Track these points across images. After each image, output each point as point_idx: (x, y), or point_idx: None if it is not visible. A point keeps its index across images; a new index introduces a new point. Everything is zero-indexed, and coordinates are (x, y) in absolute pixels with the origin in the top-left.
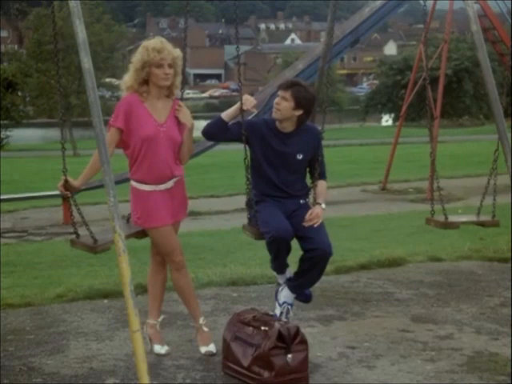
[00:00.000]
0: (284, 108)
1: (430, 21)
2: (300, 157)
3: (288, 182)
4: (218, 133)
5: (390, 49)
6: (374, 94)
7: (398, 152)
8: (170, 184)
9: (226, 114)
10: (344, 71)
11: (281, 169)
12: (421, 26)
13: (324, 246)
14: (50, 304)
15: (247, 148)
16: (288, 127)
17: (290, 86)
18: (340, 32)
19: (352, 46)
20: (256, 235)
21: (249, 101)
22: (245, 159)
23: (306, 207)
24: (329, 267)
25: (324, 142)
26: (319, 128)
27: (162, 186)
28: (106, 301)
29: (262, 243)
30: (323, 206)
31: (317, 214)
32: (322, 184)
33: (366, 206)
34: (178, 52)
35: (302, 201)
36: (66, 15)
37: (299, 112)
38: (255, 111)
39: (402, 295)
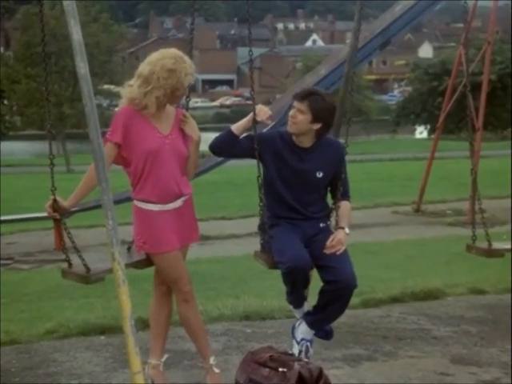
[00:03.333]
0: (300, 121)
1: (471, 19)
2: (320, 175)
3: (306, 202)
4: (226, 147)
5: (425, 51)
6: (407, 103)
7: (433, 168)
8: (178, 203)
9: (236, 127)
10: (372, 77)
11: (298, 188)
12: (460, 25)
13: (347, 277)
14: (38, 341)
15: (260, 165)
16: (306, 142)
17: (305, 96)
18: (368, 32)
19: (382, 48)
20: (269, 263)
21: (263, 111)
22: (258, 177)
23: (327, 231)
24: (356, 300)
25: (348, 157)
26: (342, 142)
27: (170, 206)
28: (102, 337)
29: (280, 273)
30: (347, 230)
31: (339, 240)
32: (345, 205)
33: (397, 229)
34: (193, 70)
35: (322, 224)
36: (59, 14)
37: (317, 125)
38: (270, 123)
39: (439, 332)
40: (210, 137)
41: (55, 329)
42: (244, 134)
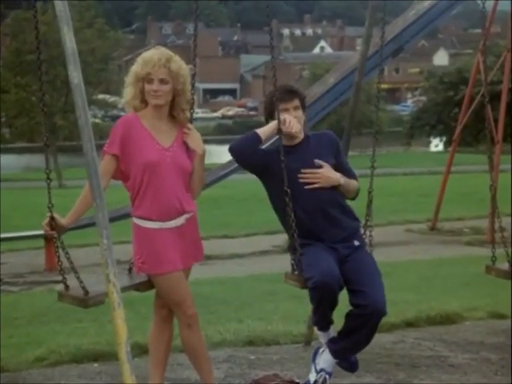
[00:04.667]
0: (301, 118)
1: (489, 24)
2: (323, 162)
3: (322, 200)
4: (251, 151)
5: (441, 58)
6: (421, 114)
7: (450, 183)
8: (180, 221)
9: (264, 133)
10: (384, 85)
11: (306, 191)
12: (478, 30)
13: (377, 302)
14: (27, 369)
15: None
16: (299, 137)
17: (293, 92)
18: (380, 39)
19: (394, 55)
20: (301, 283)
21: (295, 123)
22: (285, 191)
23: (362, 252)
24: None
25: (359, 172)
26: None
27: (171, 224)
28: (96, 365)
29: (285, 294)
30: (341, 178)
31: (328, 172)
32: (352, 180)
33: (411, 248)
34: (178, 65)
35: (356, 242)
36: (51, 19)
37: (305, 114)
38: (301, 136)
39: (457, 360)
40: (211, 150)
41: (45, 355)
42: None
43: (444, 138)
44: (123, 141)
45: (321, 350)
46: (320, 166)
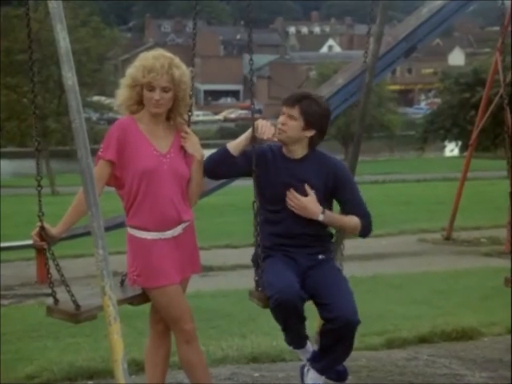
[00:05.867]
0: (291, 128)
1: (508, 22)
2: (311, 191)
3: (300, 226)
4: (222, 169)
5: (456, 58)
6: (435, 117)
7: (466, 190)
8: (177, 231)
9: (233, 145)
10: (396, 87)
11: (289, 209)
12: (496, 28)
13: (346, 313)
14: None
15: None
16: (297, 152)
17: (296, 100)
18: (392, 38)
19: (407, 55)
20: (264, 302)
21: (265, 127)
22: (254, 203)
23: (328, 265)
24: (378, 340)
25: (370, 178)
26: (340, 160)
27: (168, 234)
28: (90, 382)
29: None
30: (321, 216)
31: (304, 199)
32: (353, 217)
33: (424, 260)
34: (181, 71)
35: (321, 256)
36: (43, 16)
37: (311, 133)
38: (275, 140)
39: (474, 378)
40: None
41: (37, 373)
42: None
43: (459, 143)
44: (119, 146)
45: (305, 370)
46: (304, 191)
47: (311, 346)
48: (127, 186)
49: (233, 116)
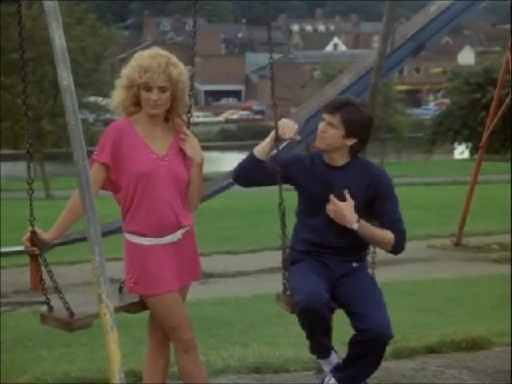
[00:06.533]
0: (331, 136)
1: None
2: (350, 199)
3: (336, 234)
4: (251, 175)
5: (466, 57)
6: (444, 118)
7: (476, 194)
8: (176, 236)
9: (259, 149)
10: (404, 87)
11: (326, 217)
12: (508, 26)
13: (379, 325)
14: None
15: (285, 189)
16: (337, 159)
17: (338, 107)
18: (399, 36)
19: (415, 54)
20: (291, 307)
21: (288, 127)
22: (280, 204)
23: (361, 273)
24: (386, 349)
25: None
26: (383, 169)
27: (167, 239)
28: None
29: (295, 316)
30: (355, 225)
31: (341, 205)
32: (388, 232)
33: (433, 266)
34: (178, 70)
35: (355, 264)
36: (37, 13)
37: (351, 141)
38: (298, 139)
39: None
40: (213, 157)
41: (31, 383)
42: (272, 157)
43: (469, 145)
44: (114, 148)
45: (326, 380)
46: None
47: (336, 358)
48: (123, 190)
49: (234, 117)
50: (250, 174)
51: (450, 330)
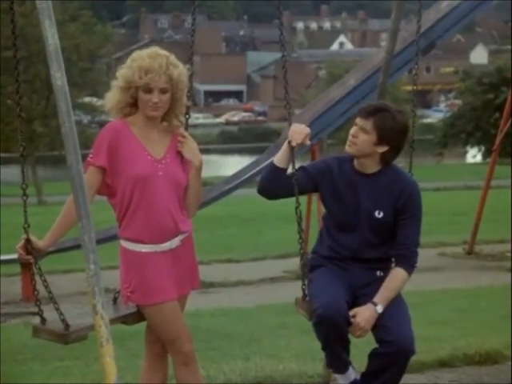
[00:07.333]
0: (362, 142)
1: None
2: (380, 215)
3: (362, 241)
4: (277, 187)
5: (479, 56)
6: (456, 119)
7: (490, 200)
8: (174, 243)
9: (278, 159)
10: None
11: (357, 226)
12: None
13: (405, 339)
14: None
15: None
16: (368, 166)
17: (371, 112)
18: (408, 33)
19: (425, 52)
20: (309, 313)
21: (297, 132)
22: (296, 208)
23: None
24: None
25: None
26: (413, 179)
27: (166, 246)
28: None
29: (299, 328)
30: (379, 309)
31: (366, 319)
32: (397, 274)
33: (444, 275)
34: (178, 70)
35: (379, 272)
36: (29, 10)
37: (383, 148)
38: (308, 144)
39: None
40: (214, 160)
41: None
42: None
43: (482, 148)
44: (110, 151)
45: None
46: (372, 213)
47: (354, 374)
48: (119, 195)
49: (235, 119)
50: (275, 185)
51: (462, 342)
